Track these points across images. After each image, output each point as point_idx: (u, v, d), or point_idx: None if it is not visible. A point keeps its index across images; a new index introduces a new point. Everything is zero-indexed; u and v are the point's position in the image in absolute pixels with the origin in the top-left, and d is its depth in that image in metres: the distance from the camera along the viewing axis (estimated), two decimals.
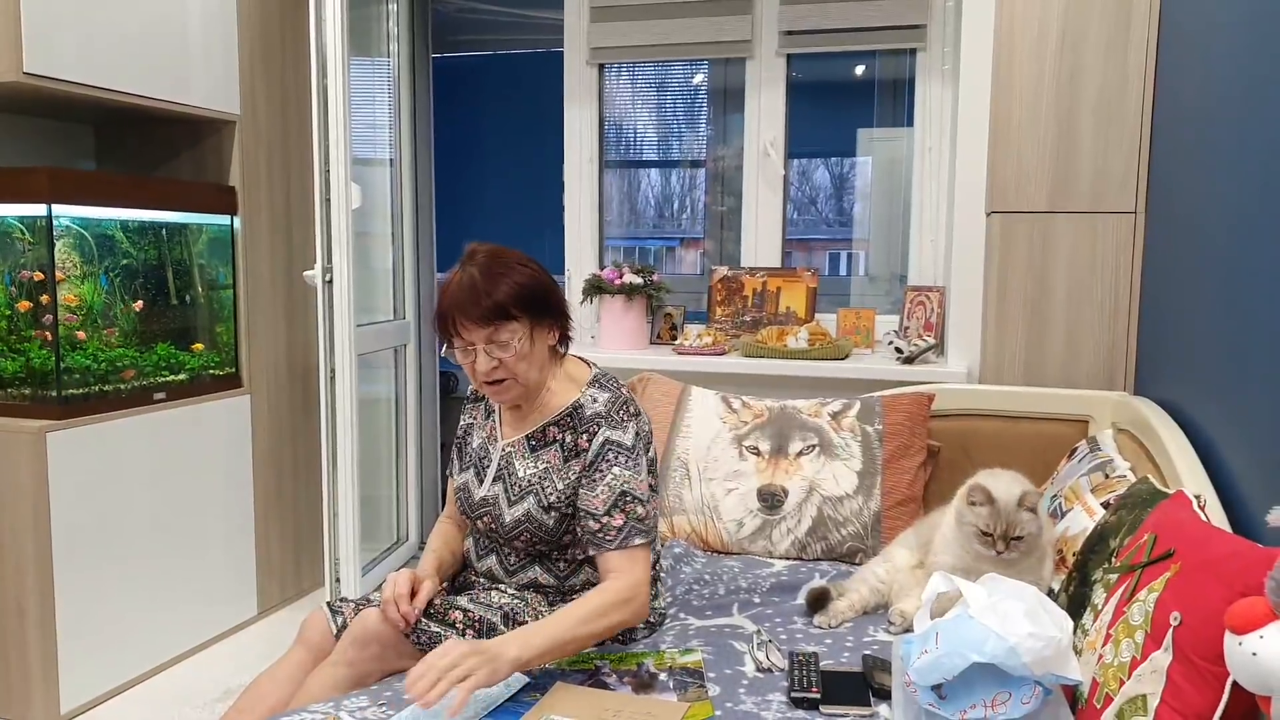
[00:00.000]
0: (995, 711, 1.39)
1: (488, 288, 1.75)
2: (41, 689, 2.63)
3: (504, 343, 1.77)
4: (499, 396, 1.87)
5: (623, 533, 1.78)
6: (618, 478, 1.80)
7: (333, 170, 2.89)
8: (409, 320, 4.00)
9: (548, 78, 3.89)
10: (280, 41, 3.38)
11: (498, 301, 1.75)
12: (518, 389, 1.84)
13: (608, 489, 1.79)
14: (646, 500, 1.82)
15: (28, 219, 2.68)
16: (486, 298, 1.74)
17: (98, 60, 2.69)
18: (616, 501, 1.79)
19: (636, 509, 1.79)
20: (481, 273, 1.77)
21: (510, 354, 1.78)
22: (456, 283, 1.78)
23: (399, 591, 1.76)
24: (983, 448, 2.63)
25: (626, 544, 1.77)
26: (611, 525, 1.78)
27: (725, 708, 1.64)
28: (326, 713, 1.60)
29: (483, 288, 1.75)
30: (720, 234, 3.84)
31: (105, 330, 2.86)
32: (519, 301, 1.77)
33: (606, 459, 1.81)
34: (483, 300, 1.74)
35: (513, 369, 1.80)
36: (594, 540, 1.79)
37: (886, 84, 3.57)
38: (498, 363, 1.79)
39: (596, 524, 1.79)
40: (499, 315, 1.75)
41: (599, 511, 1.79)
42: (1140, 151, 2.63)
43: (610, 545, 1.77)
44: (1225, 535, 1.35)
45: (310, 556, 3.61)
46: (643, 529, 1.79)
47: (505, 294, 1.75)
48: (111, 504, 2.80)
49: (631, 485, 1.80)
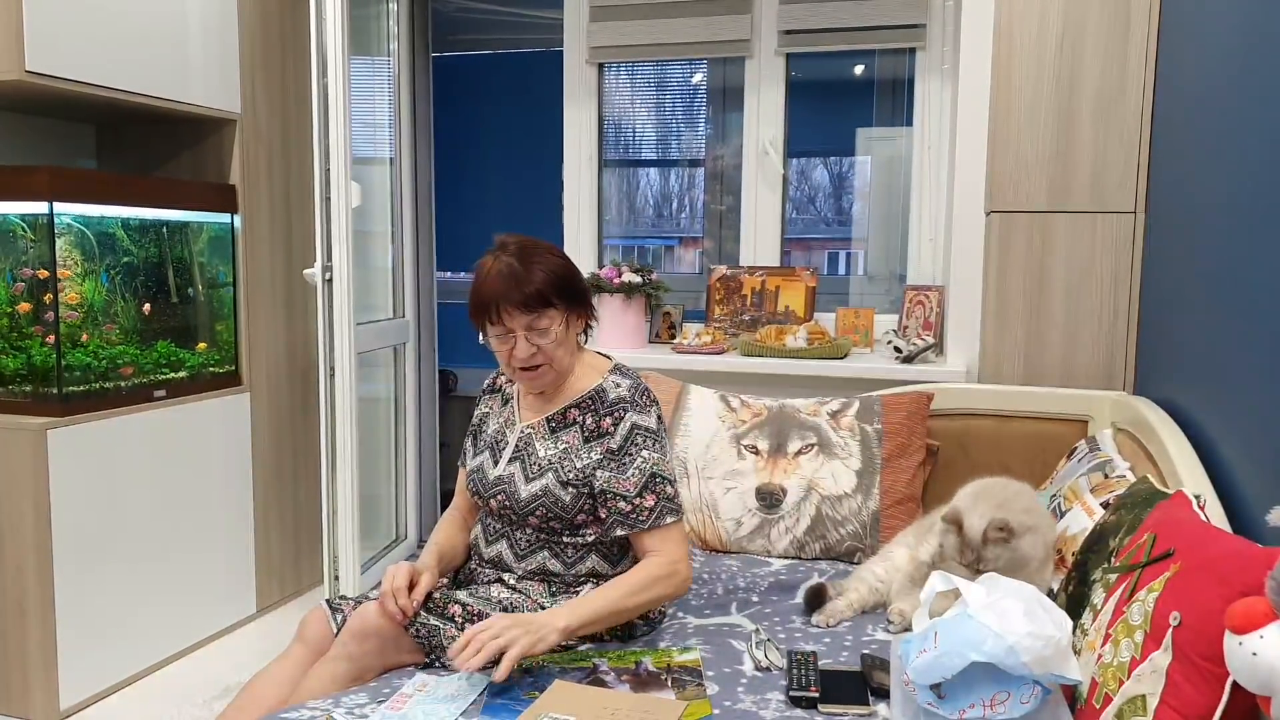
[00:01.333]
0: (994, 711, 1.39)
1: (528, 275, 1.82)
2: (41, 685, 2.63)
3: (544, 329, 1.85)
4: (533, 382, 1.93)
5: (654, 512, 1.85)
6: (647, 460, 1.87)
7: (333, 169, 2.89)
8: (408, 319, 4.00)
9: (547, 77, 3.88)
10: (280, 40, 3.38)
11: (539, 289, 1.82)
12: (551, 374, 1.92)
13: (638, 472, 1.86)
14: (674, 480, 1.90)
15: (29, 217, 2.68)
16: (529, 284, 1.82)
17: (99, 59, 2.69)
18: (647, 483, 1.86)
19: (666, 489, 1.87)
20: (520, 261, 1.84)
21: (549, 340, 1.86)
22: (495, 271, 1.84)
23: (397, 585, 1.78)
24: (982, 447, 2.63)
25: (659, 523, 1.86)
26: (644, 506, 1.85)
27: (724, 706, 1.65)
28: (324, 710, 1.60)
29: (523, 275, 1.82)
30: (719, 233, 3.84)
31: (105, 327, 2.86)
32: (556, 289, 1.85)
33: (635, 442, 1.87)
34: (525, 287, 1.82)
35: (550, 355, 1.88)
36: (626, 521, 1.86)
37: (885, 83, 3.58)
38: (536, 349, 1.86)
39: (629, 505, 1.85)
40: (540, 302, 1.83)
41: (630, 493, 1.85)
42: (1140, 151, 2.63)
43: (644, 525, 1.85)
44: (1225, 535, 1.35)
45: (309, 554, 3.61)
46: (673, 507, 1.88)
47: (544, 281, 1.83)
48: (111, 501, 2.80)
49: (660, 467, 1.88)
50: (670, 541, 1.86)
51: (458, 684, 1.69)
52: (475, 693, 1.67)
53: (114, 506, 2.81)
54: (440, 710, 1.60)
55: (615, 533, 1.88)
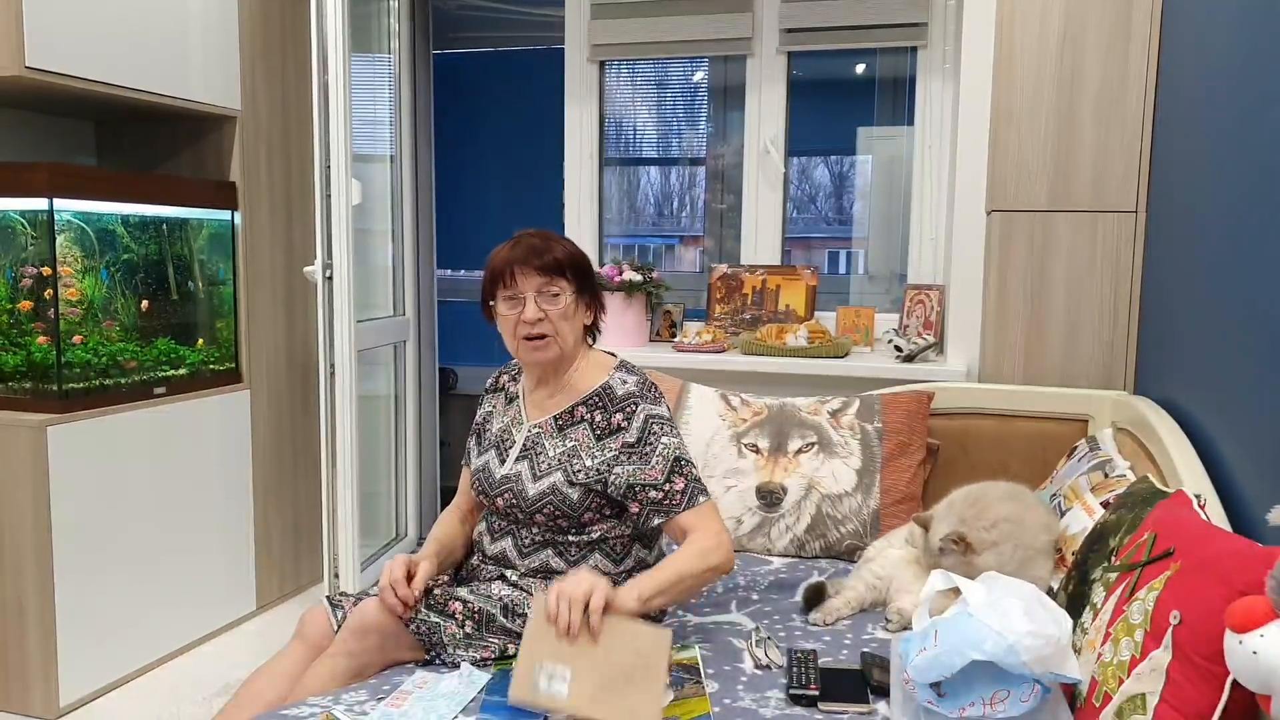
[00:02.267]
0: (994, 709, 1.39)
1: (547, 247, 1.91)
2: (41, 682, 2.63)
3: (554, 295, 1.90)
4: (536, 354, 1.93)
5: (687, 494, 1.86)
6: (668, 446, 1.88)
7: (333, 166, 2.89)
8: (409, 317, 4.00)
9: (548, 75, 3.88)
10: (281, 37, 3.37)
11: (556, 258, 1.90)
12: (555, 348, 1.93)
13: (662, 459, 1.87)
14: (695, 463, 1.92)
15: (29, 213, 2.68)
16: (548, 253, 1.90)
17: (99, 55, 2.69)
18: (674, 468, 1.87)
19: (692, 470, 1.89)
20: (540, 239, 1.93)
21: (558, 308, 1.90)
22: (513, 246, 1.92)
23: (395, 577, 1.80)
24: (982, 446, 2.63)
25: (694, 503, 1.86)
26: (675, 490, 1.86)
27: (724, 704, 1.65)
28: (323, 707, 1.60)
29: (542, 247, 1.91)
30: (720, 232, 3.84)
31: (105, 324, 2.86)
32: (573, 265, 1.93)
33: (654, 432, 1.89)
34: (544, 255, 1.90)
35: (556, 324, 1.91)
36: (660, 508, 1.86)
37: (887, 82, 3.57)
38: (544, 315, 1.90)
39: (659, 492, 1.86)
40: (555, 270, 1.90)
41: (659, 481, 1.86)
42: (1141, 150, 2.63)
43: (679, 509, 1.86)
44: (1225, 534, 1.35)
45: (309, 551, 3.61)
46: (702, 488, 1.90)
47: (563, 253, 1.92)
48: (111, 498, 2.80)
49: (682, 451, 1.90)
50: (708, 519, 1.87)
51: (457, 681, 1.69)
52: (475, 690, 1.67)
53: (114, 504, 2.80)
54: (440, 707, 1.60)
55: (653, 522, 1.87)
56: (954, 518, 1.88)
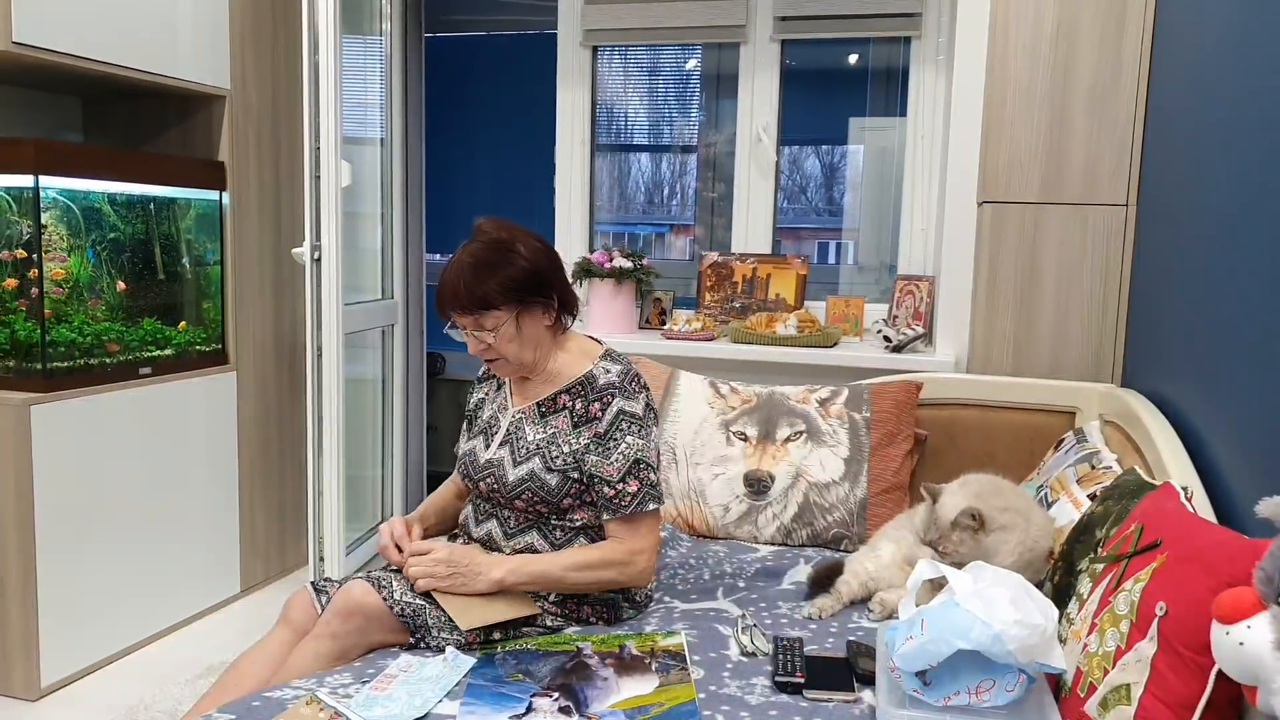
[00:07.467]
0: (979, 698, 1.39)
1: (471, 282, 1.84)
2: (22, 663, 2.62)
3: (489, 329, 1.88)
4: (497, 370, 1.99)
5: (637, 498, 1.87)
6: (631, 446, 1.88)
7: (323, 148, 2.87)
8: (397, 300, 3.98)
9: (540, 59, 3.86)
10: (272, 17, 3.34)
11: (477, 295, 1.84)
12: (511, 365, 1.94)
13: (622, 457, 1.87)
14: (657, 467, 1.93)
15: (14, 190, 2.65)
16: (467, 293, 1.84)
17: (87, 31, 2.66)
18: (630, 469, 1.87)
19: (649, 475, 1.90)
20: (472, 263, 1.86)
21: (496, 338, 1.88)
22: (450, 269, 1.89)
23: (397, 534, 1.90)
24: (969, 437, 2.64)
25: (641, 509, 1.88)
26: (626, 491, 1.87)
27: (709, 691, 1.65)
28: (307, 690, 1.60)
29: (466, 282, 1.84)
30: (711, 220, 3.83)
31: (91, 303, 2.83)
32: (503, 292, 1.86)
33: (620, 428, 1.89)
34: (463, 296, 1.85)
35: (500, 350, 1.90)
36: (609, 505, 1.88)
37: (880, 72, 3.57)
38: (486, 345, 1.90)
39: (611, 490, 1.87)
40: (480, 306, 1.86)
41: (614, 479, 1.87)
42: (1132, 144, 2.63)
43: (625, 510, 1.87)
44: (1212, 526, 1.36)
45: (294, 535, 3.60)
46: (655, 494, 1.91)
47: (489, 288, 1.84)
48: (95, 478, 2.78)
49: (644, 453, 1.90)
50: (638, 531, 1.88)
51: (442, 665, 1.69)
52: (459, 674, 1.66)
53: (98, 484, 2.79)
54: (424, 690, 1.59)
55: (604, 517, 1.90)
56: (970, 493, 1.88)
